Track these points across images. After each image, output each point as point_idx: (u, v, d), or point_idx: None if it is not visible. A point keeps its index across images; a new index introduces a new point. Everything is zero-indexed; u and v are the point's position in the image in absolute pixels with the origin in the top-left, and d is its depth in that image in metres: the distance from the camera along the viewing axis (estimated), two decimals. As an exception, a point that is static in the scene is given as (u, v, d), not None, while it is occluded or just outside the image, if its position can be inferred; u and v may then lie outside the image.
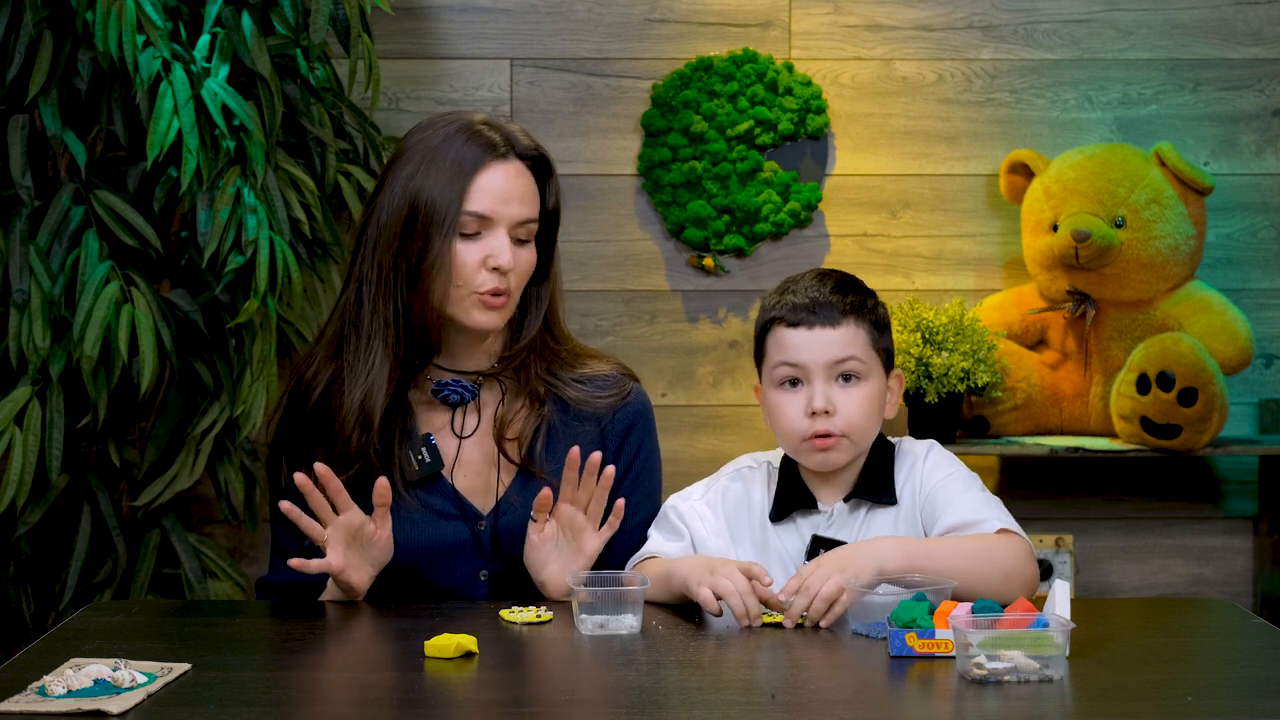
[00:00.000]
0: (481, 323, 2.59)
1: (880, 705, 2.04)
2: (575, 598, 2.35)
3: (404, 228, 2.57)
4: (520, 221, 2.60)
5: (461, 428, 2.65)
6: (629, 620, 2.33)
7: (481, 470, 2.64)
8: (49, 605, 3.55)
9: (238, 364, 3.48)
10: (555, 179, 2.67)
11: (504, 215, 2.58)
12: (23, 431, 3.32)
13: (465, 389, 2.63)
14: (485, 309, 2.59)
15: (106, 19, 3.21)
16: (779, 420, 2.56)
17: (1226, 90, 4.00)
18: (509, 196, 2.59)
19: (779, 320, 2.55)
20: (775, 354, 2.55)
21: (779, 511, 2.57)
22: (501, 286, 2.58)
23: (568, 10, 4.00)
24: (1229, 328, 3.82)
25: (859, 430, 2.54)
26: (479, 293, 2.58)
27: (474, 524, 2.62)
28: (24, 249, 3.33)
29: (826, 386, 2.52)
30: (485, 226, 2.58)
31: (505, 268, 2.57)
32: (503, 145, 2.61)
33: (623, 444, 2.69)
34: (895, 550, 2.40)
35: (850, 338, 2.53)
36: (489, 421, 2.65)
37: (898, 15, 4.00)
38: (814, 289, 2.56)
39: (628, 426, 2.69)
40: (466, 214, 2.57)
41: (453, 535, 2.61)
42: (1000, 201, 3.99)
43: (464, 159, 2.58)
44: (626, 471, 2.68)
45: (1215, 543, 4.05)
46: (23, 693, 2.00)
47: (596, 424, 2.68)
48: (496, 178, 2.59)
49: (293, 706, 2.03)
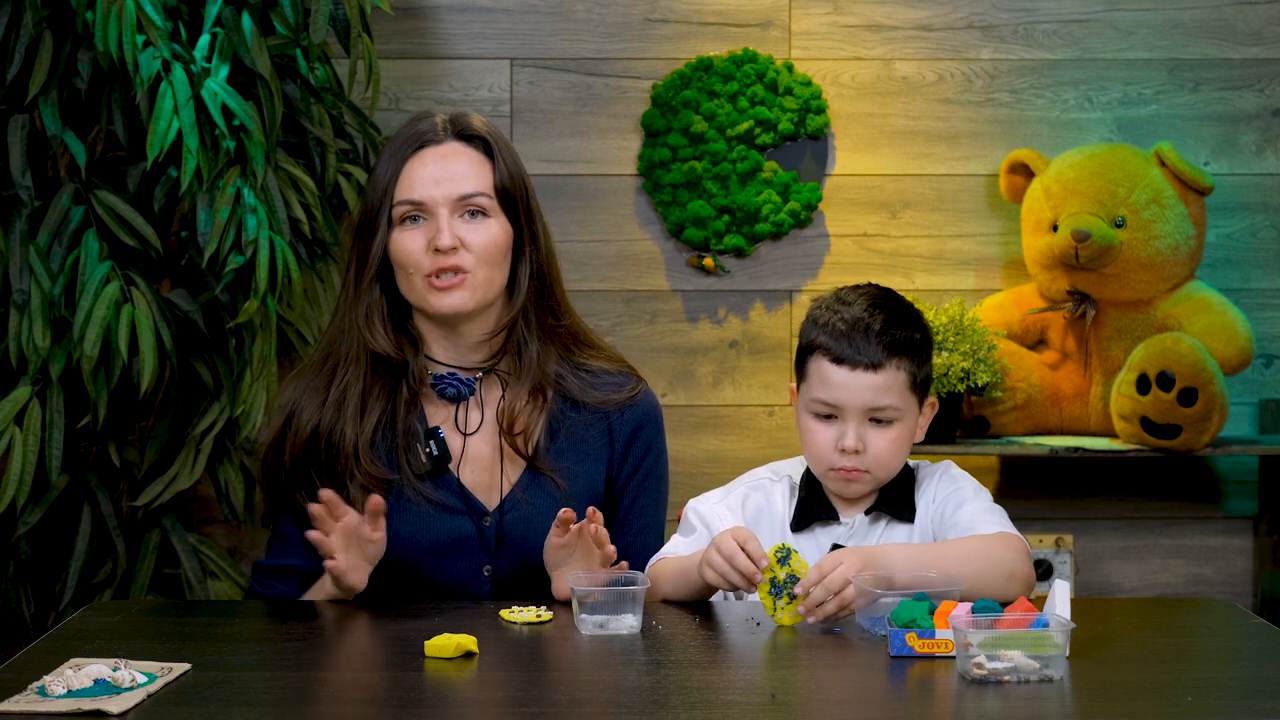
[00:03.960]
0: (439, 306, 2.60)
1: (880, 705, 2.04)
2: (575, 597, 2.35)
3: (358, 231, 2.63)
4: (461, 197, 2.60)
5: (465, 424, 2.65)
6: (629, 620, 2.33)
7: (488, 466, 2.64)
8: (49, 605, 3.55)
9: (238, 364, 3.48)
10: (503, 157, 2.65)
11: (438, 196, 2.60)
12: (23, 431, 3.31)
13: (462, 383, 2.63)
14: (437, 291, 2.59)
15: (106, 19, 3.21)
16: (809, 445, 2.58)
17: (1226, 90, 4.00)
18: (440, 177, 2.60)
19: (822, 350, 2.55)
20: (815, 384, 2.56)
21: (800, 521, 2.59)
22: (446, 265, 2.58)
23: (568, 10, 4.00)
24: (1229, 328, 3.82)
25: (885, 468, 2.57)
26: (426, 275, 2.59)
27: (479, 519, 2.62)
28: (24, 249, 3.33)
29: (860, 426, 2.54)
30: (423, 211, 2.60)
31: (444, 247, 2.57)
32: (438, 131, 2.63)
33: (631, 444, 2.69)
34: (905, 557, 2.42)
35: (889, 382, 2.54)
36: (492, 416, 2.65)
37: (898, 15, 4.00)
38: (864, 316, 2.55)
39: (637, 427, 2.69)
40: (400, 203, 2.60)
41: (457, 530, 2.61)
42: (1000, 201, 3.99)
43: (396, 152, 2.63)
44: (635, 472, 2.69)
45: (1215, 543, 4.05)
46: (23, 693, 2.00)
47: (604, 421, 2.68)
48: (426, 162, 2.62)
49: (293, 706, 2.03)
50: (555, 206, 3.96)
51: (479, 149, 2.64)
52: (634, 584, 2.35)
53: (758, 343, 4.02)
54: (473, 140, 2.64)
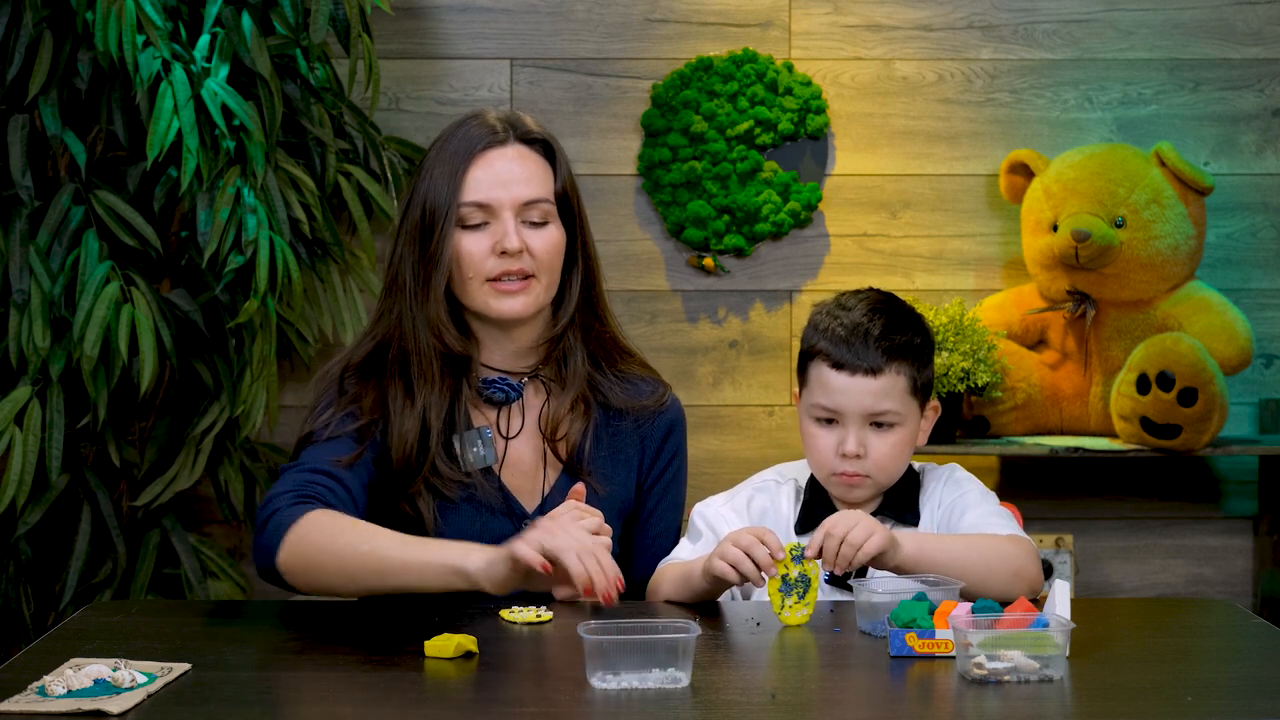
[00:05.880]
0: (501, 310, 2.58)
1: (880, 705, 2.04)
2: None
3: (420, 232, 2.58)
4: (527, 202, 2.58)
5: (507, 428, 2.65)
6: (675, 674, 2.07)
7: (529, 470, 2.65)
8: (49, 605, 3.55)
9: (238, 364, 3.48)
10: (562, 162, 2.64)
11: (504, 199, 2.57)
12: (23, 431, 3.32)
13: (511, 387, 2.63)
14: (500, 295, 2.57)
15: (106, 19, 3.21)
16: (811, 450, 2.59)
17: (1226, 90, 4.00)
18: (507, 180, 2.58)
19: (823, 355, 2.56)
20: (815, 390, 2.57)
21: (805, 523, 2.59)
22: (513, 269, 2.56)
23: (568, 10, 4.00)
24: (1229, 328, 3.82)
25: (887, 472, 2.58)
26: (490, 279, 2.57)
27: (520, 521, 2.62)
28: (24, 249, 3.33)
29: (861, 431, 2.55)
30: (489, 215, 2.57)
31: (511, 250, 2.55)
32: (500, 132, 2.60)
33: (660, 449, 2.70)
34: (910, 534, 2.45)
35: (889, 387, 2.54)
36: (533, 421, 2.65)
37: (898, 15, 4.00)
38: (863, 321, 2.56)
39: (666, 433, 2.71)
40: (465, 205, 2.57)
41: (498, 531, 2.60)
42: (1000, 201, 3.99)
43: (459, 152, 2.58)
44: (660, 476, 2.70)
45: (1215, 543, 4.05)
46: (23, 693, 2.00)
47: (636, 427, 2.69)
48: (493, 164, 2.58)
49: (293, 706, 2.03)
50: (555, 206, 3.96)
51: (539, 152, 2.62)
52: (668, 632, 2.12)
53: (758, 343, 4.02)
54: (534, 143, 2.62)
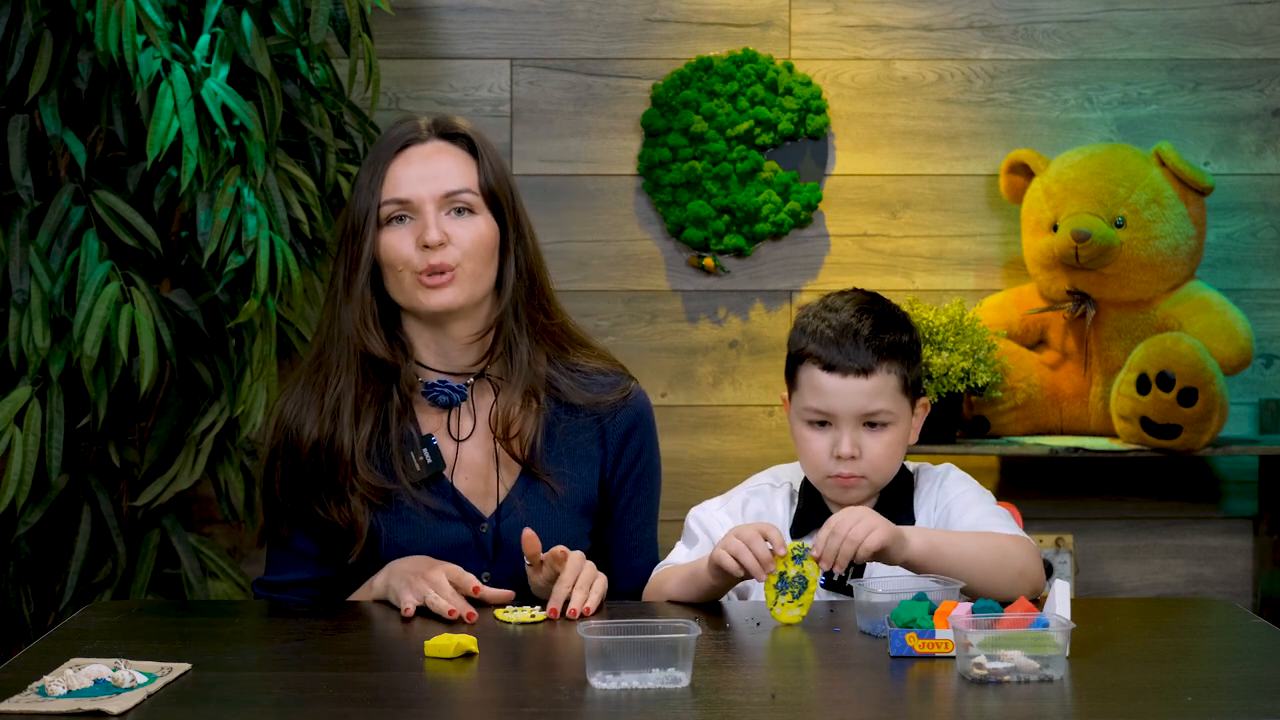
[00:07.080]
0: (430, 303, 2.59)
1: (880, 705, 2.04)
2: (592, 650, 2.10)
3: (345, 235, 2.62)
4: (447, 194, 2.60)
5: (458, 430, 2.64)
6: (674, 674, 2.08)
7: (482, 471, 2.64)
8: (49, 605, 3.55)
9: (238, 364, 3.48)
10: (489, 157, 2.65)
11: (424, 194, 2.59)
12: (23, 431, 3.32)
13: (454, 390, 2.63)
14: (426, 289, 2.58)
15: (106, 19, 3.21)
16: (804, 453, 2.59)
17: (1226, 90, 4.00)
18: (425, 175, 2.60)
19: (812, 357, 2.56)
20: (806, 393, 2.57)
21: (799, 527, 2.59)
22: (435, 262, 2.57)
23: (568, 10, 4.00)
24: (1229, 328, 3.82)
25: (881, 472, 2.58)
26: (416, 273, 2.58)
27: (475, 526, 2.61)
28: (24, 249, 3.33)
29: (854, 432, 2.55)
30: (410, 210, 2.60)
31: (432, 242, 2.57)
32: (421, 131, 2.64)
33: (624, 445, 2.68)
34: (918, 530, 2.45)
35: (880, 387, 2.54)
36: (484, 422, 2.64)
37: (898, 15, 4.00)
38: (852, 322, 2.56)
39: (630, 428, 2.69)
40: (387, 202, 2.60)
41: (454, 537, 2.61)
42: (1000, 201, 3.99)
43: (381, 153, 2.63)
44: (629, 473, 2.68)
45: (1215, 543, 4.05)
46: (23, 693, 2.00)
47: (597, 423, 2.67)
48: (411, 161, 2.61)
49: (293, 706, 2.03)
50: (555, 206, 3.96)
51: (463, 147, 2.65)
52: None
53: (758, 343, 4.02)
54: (456, 139, 2.65)
